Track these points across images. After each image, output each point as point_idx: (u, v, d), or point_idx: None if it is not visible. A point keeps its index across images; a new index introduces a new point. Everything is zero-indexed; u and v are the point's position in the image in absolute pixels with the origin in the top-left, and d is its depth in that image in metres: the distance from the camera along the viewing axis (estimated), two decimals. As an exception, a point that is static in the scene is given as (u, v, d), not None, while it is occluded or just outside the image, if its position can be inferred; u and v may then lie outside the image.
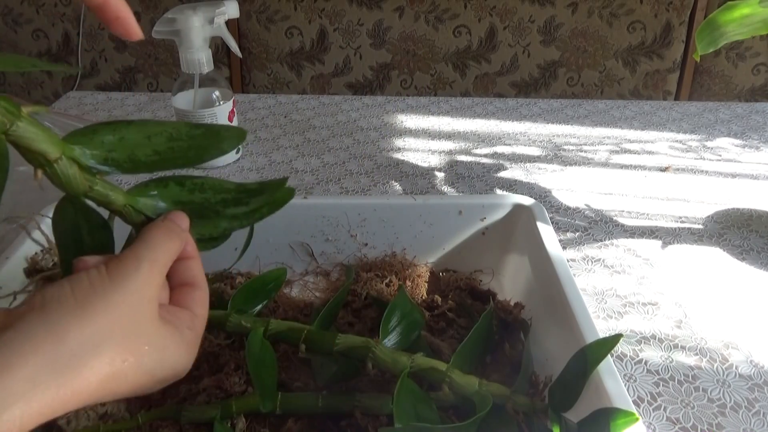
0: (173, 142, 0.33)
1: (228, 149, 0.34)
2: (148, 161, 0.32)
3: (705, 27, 0.61)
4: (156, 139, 0.33)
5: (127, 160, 0.32)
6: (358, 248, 0.59)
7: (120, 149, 0.32)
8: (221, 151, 0.34)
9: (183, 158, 0.33)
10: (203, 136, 0.34)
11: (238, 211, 0.36)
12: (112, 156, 0.32)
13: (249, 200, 0.37)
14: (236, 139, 0.34)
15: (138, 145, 0.32)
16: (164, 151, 0.33)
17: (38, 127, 0.29)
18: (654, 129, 0.93)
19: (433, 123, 0.95)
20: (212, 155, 0.34)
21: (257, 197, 0.37)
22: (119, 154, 0.32)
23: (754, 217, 0.71)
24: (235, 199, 0.36)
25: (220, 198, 0.36)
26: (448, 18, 1.49)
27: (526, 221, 0.55)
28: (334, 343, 0.43)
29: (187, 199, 0.35)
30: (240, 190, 0.36)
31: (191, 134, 0.33)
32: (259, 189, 0.37)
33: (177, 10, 0.75)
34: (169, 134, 0.33)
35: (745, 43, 1.47)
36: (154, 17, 1.53)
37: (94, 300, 0.27)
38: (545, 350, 0.46)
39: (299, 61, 1.55)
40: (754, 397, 0.48)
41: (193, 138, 0.33)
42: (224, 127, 0.35)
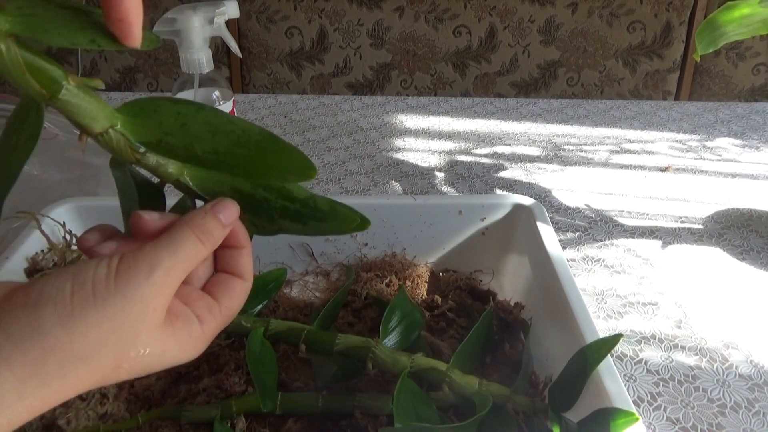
0: (237, 148, 0.30)
1: (290, 179, 0.31)
2: (204, 158, 0.30)
3: (705, 27, 0.61)
4: (220, 138, 0.30)
5: (182, 148, 0.30)
6: (358, 248, 0.59)
7: (178, 135, 0.29)
8: (283, 177, 0.31)
9: (240, 168, 0.30)
10: (273, 152, 0.30)
11: (293, 227, 0.33)
12: (167, 140, 0.29)
13: (308, 221, 0.33)
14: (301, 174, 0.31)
15: (199, 138, 0.30)
16: (225, 153, 0.30)
17: (84, 98, 0.27)
18: (654, 129, 0.93)
19: (433, 123, 0.95)
20: (270, 176, 0.31)
21: (318, 223, 0.33)
22: (175, 140, 0.29)
23: (754, 217, 0.71)
24: (296, 213, 0.33)
25: (282, 205, 0.33)
26: (448, 18, 1.49)
27: (526, 221, 0.55)
28: (334, 343, 0.43)
29: (248, 192, 0.32)
30: (306, 203, 0.33)
31: (260, 145, 0.30)
32: (328, 213, 0.33)
33: (177, 10, 0.75)
34: (237, 137, 0.30)
35: (745, 43, 1.47)
36: (154, 17, 1.53)
37: (91, 311, 0.26)
38: (545, 350, 0.46)
39: (299, 61, 1.55)
40: (754, 397, 0.48)
41: (261, 151, 0.30)
42: (296, 152, 0.31)
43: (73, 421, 0.42)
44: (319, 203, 0.33)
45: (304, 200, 0.33)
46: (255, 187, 0.32)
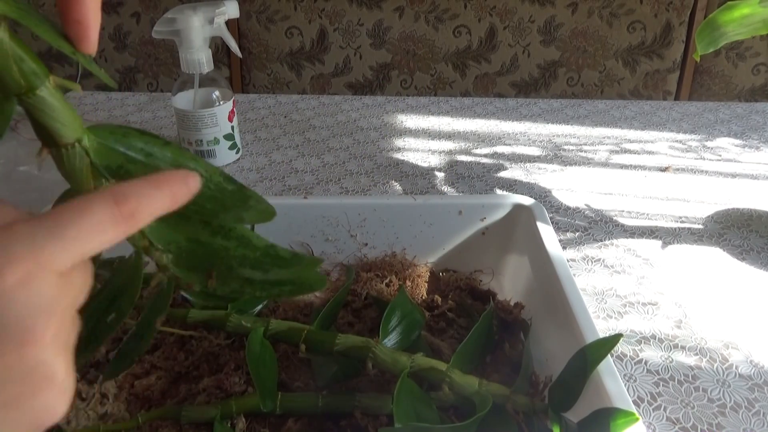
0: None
1: (247, 221, 0.30)
2: None
3: (705, 27, 0.61)
4: None
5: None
6: (358, 248, 0.59)
7: (140, 165, 0.28)
8: (240, 219, 0.30)
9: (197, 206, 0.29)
10: (230, 194, 0.30)
11: (254, 275, 0.32)
12: (128, 167, 0.28)
13: (270, 269, 0.32)
14: (261, 216, 0.30)
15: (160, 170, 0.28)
16: None
17: (62, 102, 0.25)
18: (654, 129, 0.93)
19: (433, 123, 0.95)
20: (229, 218, 0.30)
21: (281, 269, 0.32)
22: (137, 169, 0.28)
23: (754, 217, 0.71)
24: (256, 261, 0.32)
25: (242, 253, 0.31)
26: (448, 18, 1.49)
27: (526, 221, 0.55)
28: (334, 343, 0.43)
29: (205, 240, 0.31)
30: (267, 252, 0.32)
31: (220, 186, 0.29)
32: (290, 260, 0.32)
33: (177, 10, 0.75)
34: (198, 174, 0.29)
35: (745, 43, 1.47)
36: (154, 17, 1.53)
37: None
38: (545, 350, 0.46)
39: (299, 61, 1.55)
40: (754, 397, 0.48)
41: (221, 191, 0.29)
42: (256, 197, 0.30)
43: (73, 421, 0.42)
44: (279, 252, 0.32)
45: (264, 248, 0.32)
46: (213, 236, 0.31)
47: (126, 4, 1.54)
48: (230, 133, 0.80)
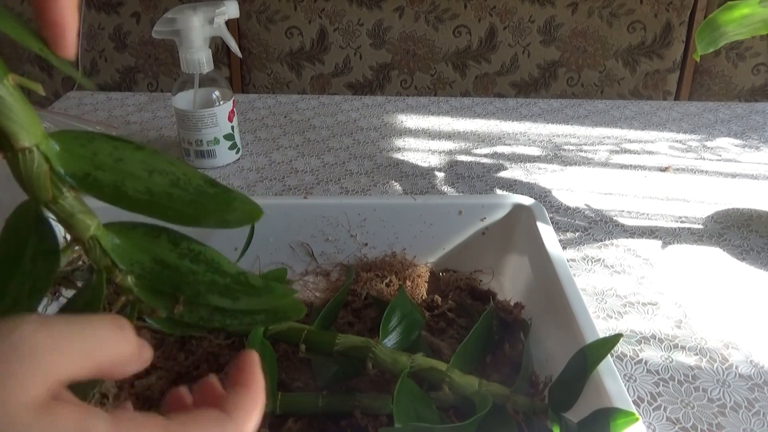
0: (174, 189, 0.27)
1: (232, 224, 0.28)
2: (134, 198, 0.26)
3: (705, 27, 0.61)
4: (157, 178, 0.27)
5: (111, 185, 0.26)
6: (358, 248, 0.59)
7: (110, 171, 0.26)
8: (224, 222, 0.28)
9: (175, 211, 0.27)
10: (212, 197, 0.28)
11: (223, 303, 0.29)
12: (96, 174, 0.26)
13: (240, 297, 0.30)
14: (247, 216, 0.28)
15: (133, 176, 0.26)
16: (159, 194, 0.27)
17: (21, 102, 0.23)
18: (654, 129, 0.93)
19: (433, 123, 0.95)
20: (210, 222, 0.28)
21: (251, 298, 0.30)
22: (106, 176, 0.26)
23: (754, 217, 0.71)
24: (226, 288, 0.29)
25: (211, 279, 0.29)
26: (448, 18, 1.49)
27: (526, 221, 0.55)
28: (334, 343, 0.43)
29: (172, 263, 0.29)
30: (237, 279, 0.30)
31: (201, 189, 0.27)
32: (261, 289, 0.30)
33: (177, 10, 0.75)
34: (176, 178, 0.27)
35: (745, 43, 1.47)
36: (154, 17, 1.53)
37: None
38: (545, 350, 0.46)
39: (299, 61, 1.55)
40: (754, 397, 0.48)
41: (201, 194, 0.27)
42: (241, 197, 0.28)
43: (73, 421, 0.42)
44: (250, 279, 0.30)
45: (234, 275, 0.30)
46: (181, 258, 0.29)
47: (126, 4, 1.54)
48: (230, 133, 0.80)
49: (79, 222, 0.27)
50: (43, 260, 0.27)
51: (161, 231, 0.29)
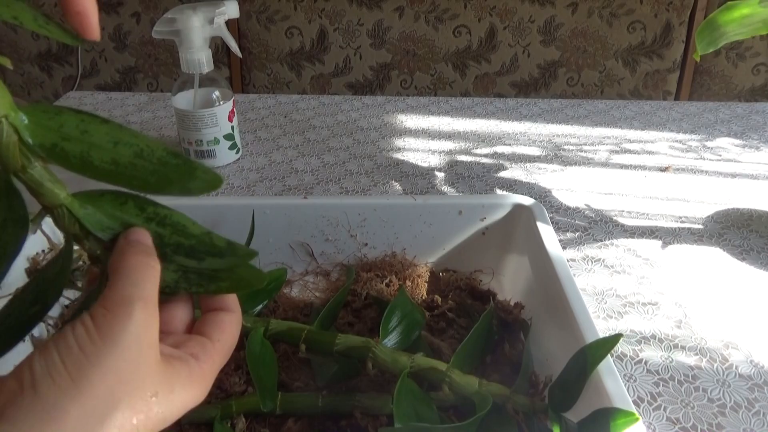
0: (138, 160, 0.28)
1: (195, 192, 0.30)
2: (100, 168, 0.28)
3: (705, 27, 0.61)
4: (122, 149, 0.28)
5: (78, 156, 0.27)
6: (358, 248, 0.59)
7: (76, 142, 0.27)
8: (187, 190, 0.29)
9: (140, 181, 0.29)
10: (174, 167, 0.29)
11: (188, 263, 0.31)
12: (63, 145, 0.27)
13: (204, 257, 0.31)
14: (208, 185, 0.30)
15: (98, 147, 0.28)
16: (124, 164, 0.28)
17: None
18: (654, 129, 0.93)
19: (433, 123, 0.95)
20: (174, 191, 0.29)
21: (215, 258, 0.31)
22: (72, 147, 0.27)
23: (754, 217, 0.71)
24: (190, 249, 0.31)
25: (176, 241, 0.31)
26: (448, 18, 1.49)
27: (526, 221, 0.55)
28: (334, 343, 0.43)
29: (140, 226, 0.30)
30: (203, 240, 0.31)
31: (163, 160, 0.29)
32: (224, 249, 0.31)
33: (177, 10, 0.75)
34: (139, 150, 0.28)
35: (745, 43, 1.47)
36: (154, 17, 1.53)
37: (89, 370, 0.24)
38: (545, 350, 0.46)
39: (299, 61, 1.55)
40: (754, 397, 0.48)
41: (164, 165, 0.29)
42: (203, 168, 0.30)
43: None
44: (215, 239, 0.31)
45: (199, 236, 0.31)
46: (148, 222, 0.30)
47: (126, 4, 1.54)
48: (230, 133, 0.80)
49: (47, 191, 0.28)
50: (12, 227, 0.28)
51: (128, 197, 0.30)
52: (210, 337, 0.31)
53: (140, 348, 0.26)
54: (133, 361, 0.26)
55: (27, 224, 0.28)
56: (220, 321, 0.32)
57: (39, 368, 0.24)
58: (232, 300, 0.33)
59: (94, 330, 0.25)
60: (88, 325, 0.26)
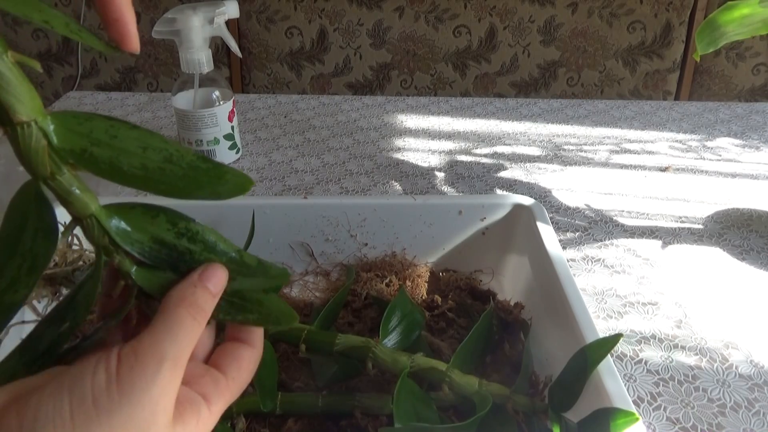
0: (168, 164, 0.28)
1: (224, 196, 0.29)
2: (130, 173, 0.27)
3: (705, 27, 0.61)
4: (151, 154, 0.28)
5: (107, 161, 0.27)
6: (358, 248, 0.59)
7: (106, 147, 0.27)
8: (216, 194, 0.29)
9: (169, 185, 0.28)
10: (204, 171, 0.29)
11: None
12: (93, 150, 0.27)
13: (235, 276, 0.31)
14: (238, 188, 0.29)
15: (127, 152, 0.27)
16: (153, 169, 0.28)
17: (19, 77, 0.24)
18: (654, 129, 0.93)
19: (433, 123, 0.95)
20: (203, 195, 0.29)
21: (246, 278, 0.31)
22: (102, 152, 0.27)
23: (754, 217, 0.71)
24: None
25: (206, 258, 0.30)
26: (448, 18, 1.49)
27: (526, 221, 0.55)
28: (334, 343, 0.43)
29: (170, 242, 0.30)
30: (233, 259, 0.31)
31: (193, 164, 0.28)
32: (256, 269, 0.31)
33: (177, 10, 0.75)
34: (169, 155, 0.28)
35: (745, 43, 1.47)
36: (154, 17, 1.53)
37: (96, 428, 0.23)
38: (545, 350, 0.46)
39: (299, 61, 1.55)
40: (754, 397, 0.48)
41: (194, 169, 0.28)
42: (232, 171, 0.29)
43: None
44: (245, 258, 0.31)
45: (230, 254, 0.31)
46: (179, 237, 0.30)
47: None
48: (230, 133, 0.80)
49: (77, 199, 0.27)
50: (42, 238, 0.28)
51: (160, 210, 0.30)
52: (225, 373, 0.30)
53: (154, 411, 0.25)
54: (143, 422, 0.24)
55: (57, 235, 0.28)
56: (239, 356, 0.30)
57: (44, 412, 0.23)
58: (258, 335, 0.31)
59: (115, 380, 0.24)
60: (111, 373, 0.24)
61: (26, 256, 0.28)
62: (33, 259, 0.28)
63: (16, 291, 0.27)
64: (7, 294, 0.27)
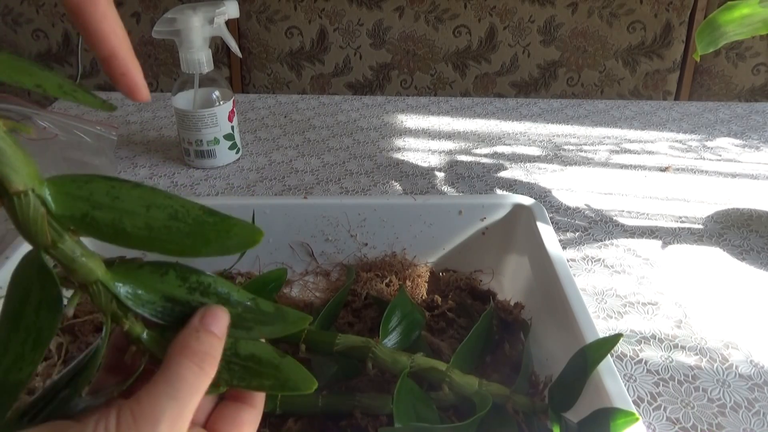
0: (173, 222, 0.27)
1: (233, 250, 0.28)
2: (133, 234, 0.26)
3: (705, 27, 0.61)
4: (155, 212, 0.27)
5: (110, 224, 0.26)
6: (358, 248, 0.59)
7: (108, 209, 0.26)
8: (224, 249, 0.28)
9: (175, 244, 0.27)
10: (212, 226, 0.27)
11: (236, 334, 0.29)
12: (94, 214, 0.26)
13: (253, 326, 0.30)
14: (247, 241, 0.28)
15: (131, 212, 0.26)
16: (158, 228, 0.27)
17: (13, 147, 0.23)
18: (654, 129, 0.93)
19: (433, 123, 0.95)
20: (210, 251, 0.28)
21: (264, 326, 0.30)
22: (104, 215, 0.26)
23: (754, 217, 0.71)
24: (238, 318, 0.29)
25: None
26: (448, 18, 1.49)
27: (526, 221, 0.55)
28: (334, 343, 0.43)
29: (182, 298, 0.29)
30: (249, 308, 0.29)
31: (199, 219, 0.27)
32: (274, 315, 0.30)
33: (177, 10, 0.75)
34: (174, 211, 0.27)
35: (745, 43, 1.46)
36: (154, 17, 1.53)
37: None
38: (545, 350, 0.46)
39: (299, 61, 1.55)
40: (754, 397, 0.48)
41: (200, 225, 0.27)
42: (241, 223, 0.28)
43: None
44: (262, 305, 0.30)
45: (245, 303, 0.30)
46: (191, 293, 0.29)
47: (126, 4, 1.54)
48: (230, 133, 0.80)
49: (81, 266, 0.26)
50: (46, 310, 0.27)
51: (168, 267, 0.28)
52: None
53: None
54: None
55: (61, 306, 0.26)
56: (240, 420, 0.29)
57: None
58: (260, 395, 0.30)
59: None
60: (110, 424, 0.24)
61: (30, 330, 0.26)
62: (37, 333, 0.26)
63: (20, 369, 0.26)
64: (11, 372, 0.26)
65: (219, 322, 0.28)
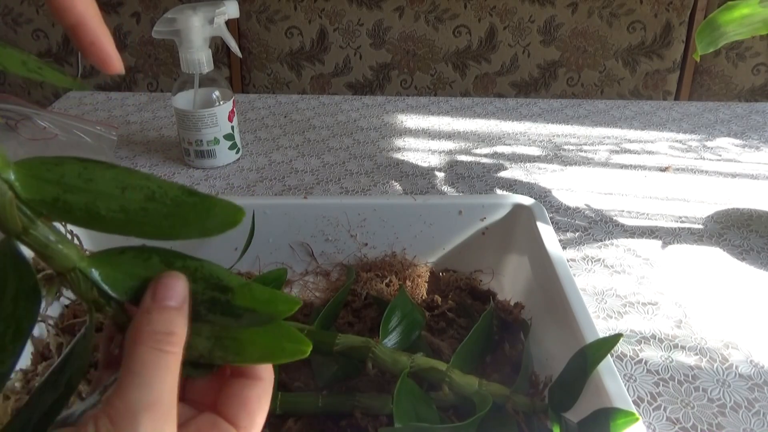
0: (150, 203, 0.25)
1: (214, 231, 0.26)
2: (108, 218, 0.25)
3: (705, 27, 0.61)
4: (131, 194, 0.25)
5: (83, 208, 0.25)
6: (358, 248, 0.59)
7: (80, 192, 0.25)
8: (205, 231, 0.26)
9: (153, 227, 0.25)
10: (191, 206, 0.26)
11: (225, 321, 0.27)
12: (65, 198, 0.24)
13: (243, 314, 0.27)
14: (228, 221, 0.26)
15: (105, 195, 0.25)
16: (134, 210, 0.25)
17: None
18: (654, 129, 0.93)
19: (433, 123, 0.95)
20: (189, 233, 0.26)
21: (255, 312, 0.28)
22: (76, 198, 0.24)
23: (754, 217, 0.71)
24: (228, 305, 0.27)
25: (210, 297, 0.27)
26: (448, 18, 1.49)
27: (526, 221, 0.55)
28: (334, 343, 0.43)
29: None
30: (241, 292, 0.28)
31: (178, 200, 0.26)
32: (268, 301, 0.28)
33: (177, 10, 0.75)
34: (151, 192, 0.25)
35: (745, 43, 1.47)
36: (154, 17, 1.53)
37: None
38: (545, 350, 0.46)
39: (299, 61, 1.55)
40: (754, 397, 0.48)
41: (178, 205, 0.26)
42: (222, 203, 0.26)
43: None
44: (256, 292, 0.27)
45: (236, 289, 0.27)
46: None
47: (126, 4, 1.54)
48: (230, 133, 0.80)
49: (56, 253, 0.25)
50: (25, 299, 0.25)
51: (152, 252, 0.27)
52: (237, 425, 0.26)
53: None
54: None
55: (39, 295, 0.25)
56: (247, 400, 0.27)
57: None
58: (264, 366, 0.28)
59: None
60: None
61: (9, 321, 0.25)
62: (17, 324, 0.25)
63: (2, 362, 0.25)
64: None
65: (173, 291, 0.25)
